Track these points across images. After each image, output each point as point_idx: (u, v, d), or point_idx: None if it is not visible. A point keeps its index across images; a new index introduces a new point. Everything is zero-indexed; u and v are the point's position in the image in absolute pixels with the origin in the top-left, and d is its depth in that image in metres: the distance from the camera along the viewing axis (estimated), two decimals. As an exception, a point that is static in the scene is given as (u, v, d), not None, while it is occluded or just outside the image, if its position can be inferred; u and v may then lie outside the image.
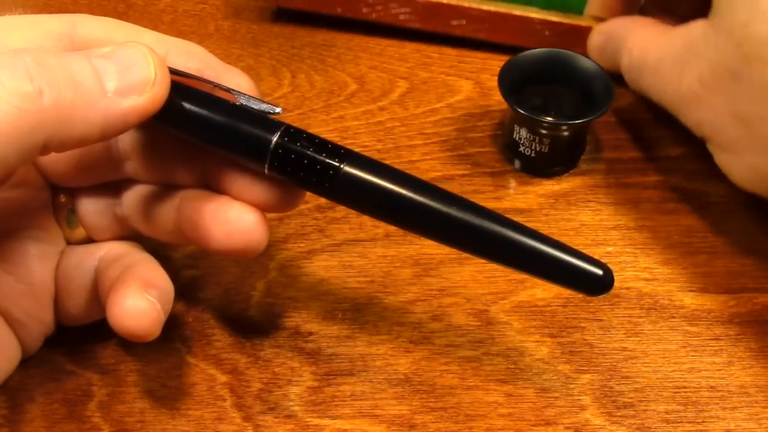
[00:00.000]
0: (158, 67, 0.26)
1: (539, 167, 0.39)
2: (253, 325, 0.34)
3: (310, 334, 0.34)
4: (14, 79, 0.24)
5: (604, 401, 0.32)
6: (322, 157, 0.27)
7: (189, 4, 0.49)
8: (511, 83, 0.38)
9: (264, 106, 0.28)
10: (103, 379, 0.32)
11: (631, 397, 0.32)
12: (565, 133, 0.38)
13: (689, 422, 0.31)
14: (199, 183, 0.30)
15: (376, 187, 0.26)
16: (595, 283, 0.25)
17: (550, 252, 0.25)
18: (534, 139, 0.38)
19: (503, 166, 0.40)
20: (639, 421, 0.31)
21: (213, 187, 0.29)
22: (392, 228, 0.37)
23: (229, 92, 0.28)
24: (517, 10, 0.43)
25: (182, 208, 0.30)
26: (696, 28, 0.32)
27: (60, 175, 0.30)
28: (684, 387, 0.32)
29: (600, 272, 0.25)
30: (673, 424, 0.31)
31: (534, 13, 0.43)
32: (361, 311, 0.34)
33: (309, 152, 0.27)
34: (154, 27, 0.47)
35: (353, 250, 0.36)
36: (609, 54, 0.38)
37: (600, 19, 0.41)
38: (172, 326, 0.34)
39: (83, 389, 0.32)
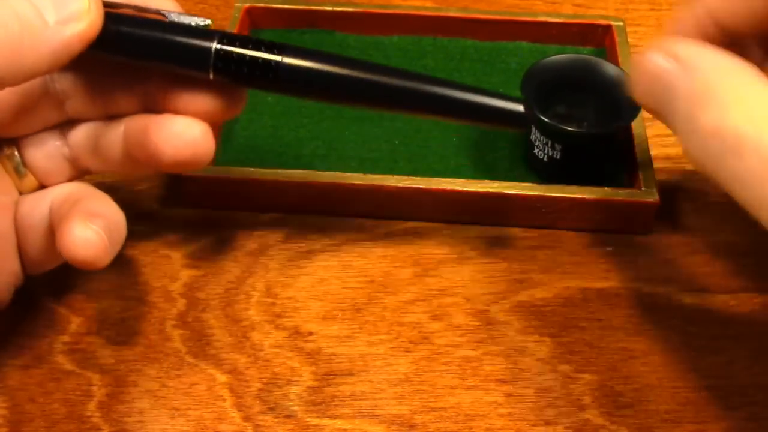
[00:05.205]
0: None
1: (552, 175, 0.37)
2: (253, 325, 0.34)
3: (310, 334, 0.34)
4: None
5: (604, 401, 0.32)
6: (262, 53, 0.29)
7: (189, 4, 0.49)
8: (536, 87, 0.37)
9: (195, 20, 0.30)
10: (103, 379, 0.32)
11: (631, 397, 0.32)
12: (577, 143, 0.36)
13: (689, 422, 0.31)
14: (141, 109, 0.31)
15: (315, 71, 0.29)
16: (519, 118, 0.29)
17: (479, 100, 0.29)
18: (547, 143, 0.37)
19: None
20: (639, 421, 0.31)
21: (155, 109, 0.30)
22: (392, 227, 0.37)
23: (159, 14, 0.30)
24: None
25: (128, 133, 0.31)
26: None
27: (1, 126, 0.31)
28: (684, 387, 0.32)
29: (521, 108, 0.29)
30: (673, 424, 0.31)
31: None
32: (361, 311, 0.34)
33: (249, 51, 0.29)
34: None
35: (353, 250, 0.36)
36: (659, 95, 0.26)
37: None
38: (172, 326, 0.34)
39: (83, 389, 0.32)
